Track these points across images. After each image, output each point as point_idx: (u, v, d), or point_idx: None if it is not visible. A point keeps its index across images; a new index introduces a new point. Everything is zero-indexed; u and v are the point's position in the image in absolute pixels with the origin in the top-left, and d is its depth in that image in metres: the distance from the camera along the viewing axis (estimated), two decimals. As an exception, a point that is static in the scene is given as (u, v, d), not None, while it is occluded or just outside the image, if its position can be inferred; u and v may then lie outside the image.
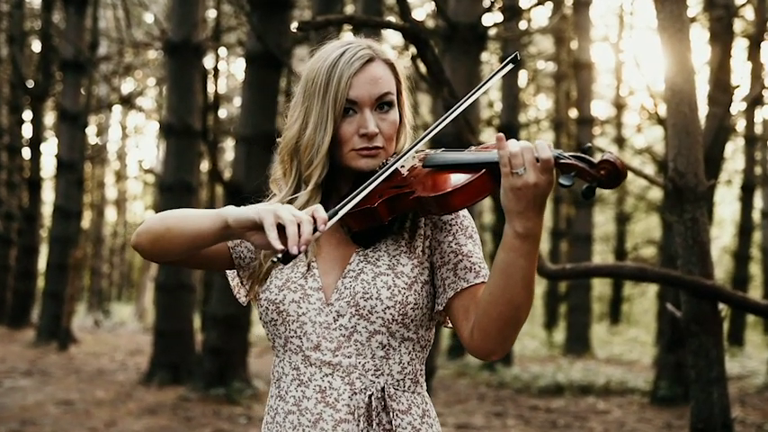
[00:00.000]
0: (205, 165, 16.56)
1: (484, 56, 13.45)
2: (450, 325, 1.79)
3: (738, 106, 10.35)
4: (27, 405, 8.32)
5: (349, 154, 1.75)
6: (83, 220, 19.89)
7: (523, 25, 16.54)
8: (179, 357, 10.15)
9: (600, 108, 23.26)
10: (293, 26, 3.44)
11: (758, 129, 17.70)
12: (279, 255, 1.54)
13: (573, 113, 19.37)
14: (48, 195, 22.43)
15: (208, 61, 15.60)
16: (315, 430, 1.69)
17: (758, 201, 19.36)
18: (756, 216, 19.14)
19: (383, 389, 1.71)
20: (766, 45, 11.18)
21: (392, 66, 1.80)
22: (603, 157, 1.50)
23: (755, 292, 22.72)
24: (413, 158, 1.76)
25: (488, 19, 9.67)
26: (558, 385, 10.74)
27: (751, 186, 17.50)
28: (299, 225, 1.54)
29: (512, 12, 11.30)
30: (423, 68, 3.87)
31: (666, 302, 4.40)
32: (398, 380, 1.74)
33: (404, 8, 3.65)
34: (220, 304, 9.24)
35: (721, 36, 8.05)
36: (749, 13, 11.89)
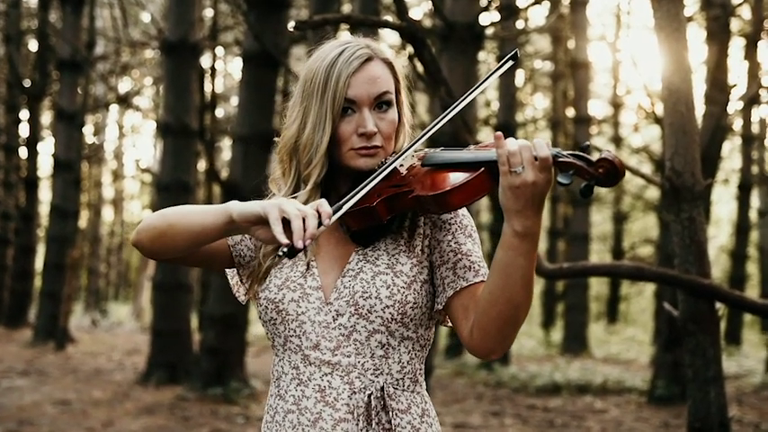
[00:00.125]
0: (202, 164, 16.55)
1: (481, 55, 13.46)
2: (449, 324, 1.79)
3: (735, 105, 10.38)
4: (24, 405, 8.31)
5: (348, 153, 1.75)
6: (80, 220, 19.84)
7: (520, 24, 16.56)
8: (176, 357, 10.14)
9: (597, 107, 23.26)
10: (290, 25, 3.43)
11: (755, 128, 17.70)
12: (284, 249, 1.54)
13: (570, 113, 19.38)
14: (45, 195, 22.39)
15: (205, 60, 15.59)
16: (314, 429, 1.69)
17: (755, 200, 19.37)
18: (753, 215, 19.14)
19: (382, 388, 1.71)
20: (763, 44, 11.20)
21: (391, 65, 1.80)
22: (602, 156, 1.50)
23: (752, 291, 22.74)
24: (412, 157, 1.76)
25: (485, 18, 9.66)
26: (556, 384, 10.74)
27: (748, 185, 17.50)
28: (304, 219, 1.54)
29: (509, 11, 11.31)
30: (420, 68, 3.87)
31: (664, 302, 4.41)
32: (398, 379, 1.73)
33: (401, 7, 3.64)
34: (218, 304, 9.24)
35: (718, 35, 8.07)
36: (746, 13, 11.91)
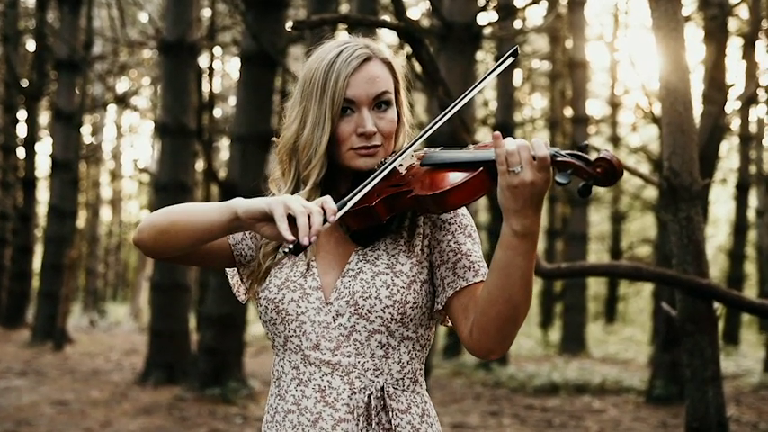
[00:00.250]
0: (200, 164, 16.53)
1: (479, 55, 13.47)
2: (449, 324, 1.79)
3: (733, 105, 10.38)
4: (22, 405, 8.30)
5: (347, 153, 1.75)
6: (78, 220, 19.82)
7: (518, 24, 16.55)
8: (174, 357, 10.14)
9: (595, 107, 23.28)
10: (288, 25, 3.42)
11: (753, 127, 17.71)
12: (290, 246, 1.54)
13: (568, 112, 19.39)
14: (42, 195, 22.37)
15: (203, 60, 15.56)
16: (314, 429, 1.69)
17: (753, 199, 19.38)
18: (751, 215, 19.15)
19: (382, 388, 1.71)
20: (760, 44, 11.21)
21: (390, 65, 1.80)
22: (600, 156, 1.50)
23: (750, 291, 22.77)
24: (411, 157, 1.76)
25: (483, 18, 9.66)
26: (554, 384, 10.74)
27: (746, 185, 17.52)
28: (310, 216, 1.55)
29: (507, 11, 11.30)
30: (418, 68, 3.87)
31: (662, 301, 4.41)
32: (398, 379, 1.74)
33: (399, 7, 3.64)
34: (216, 304, 9.23)
35: (716, 35, 8.07)
36: (744, 12, 11.92)
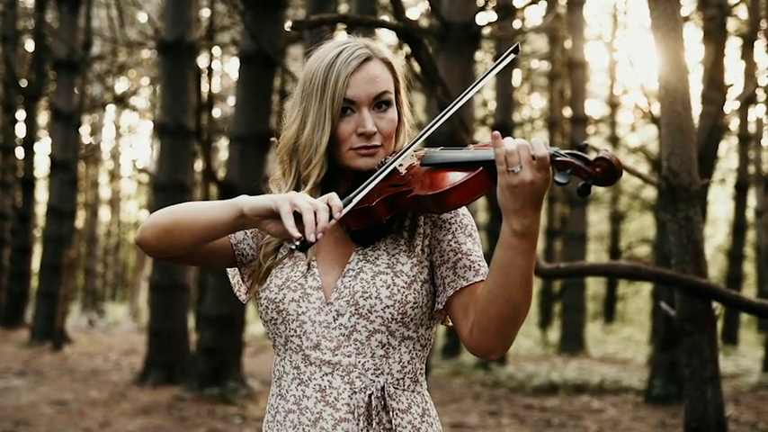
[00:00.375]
0: (199, 164, 16.51)
1: (478, 55, 13.46)
2: (450, 323, 1.80)
3: (732, 105, 10.38)
4: (21, 405, 8.30)
5: (347, 153, 1.75)
6: (76, 220, 19.77)
7: (517, 24, 16.54)
8: (173, 357, 10.13)
9: (594, 107, 23.28)
10: (287, 25, 3.43)
11: (752, 127, 17.70)
12: (296, 243, 1.55)
13: (567, 112, 19.40)
14: (41, 195, 22.36)
15: (201, 60, 15.55)
16: (315, 429, 1.69)
17: (752, 199, 19.39)
18: (750, 215, 19.15)
19: (383, 388, 1.71)
20: (759, 44, 11.22)
21: (390, 64, 1.80)
22: (599, 155, 1.50)
23: (749, 291, 22.79)
24: (411, 157, 1.76)
25: (482, 18, 9.65)
26: (553, 384, 10.75)
27: (744, 185, 17.52)
28: (316, 213, 1.55)
29: (506, 11, 11.30)
30: (417, 68, 3.87)
31: (660, 301, 4.42)
32: (398, 379, 1.74)
33: (397, 7, 3.64)
34: (215, 304, 9.23)
35: (715, 35, 8.07)
36: (742, 12, 11.93)
